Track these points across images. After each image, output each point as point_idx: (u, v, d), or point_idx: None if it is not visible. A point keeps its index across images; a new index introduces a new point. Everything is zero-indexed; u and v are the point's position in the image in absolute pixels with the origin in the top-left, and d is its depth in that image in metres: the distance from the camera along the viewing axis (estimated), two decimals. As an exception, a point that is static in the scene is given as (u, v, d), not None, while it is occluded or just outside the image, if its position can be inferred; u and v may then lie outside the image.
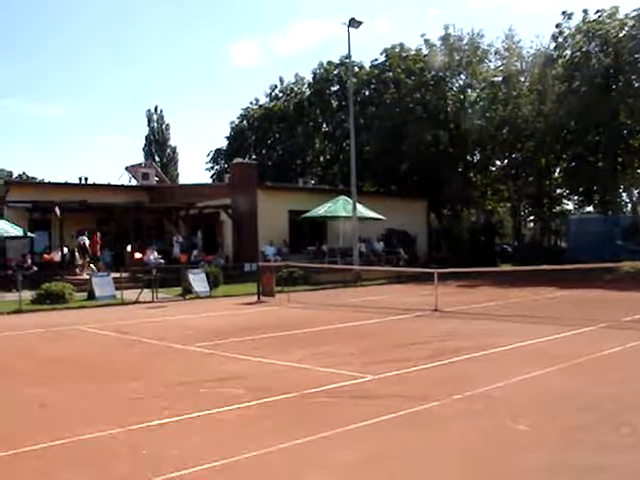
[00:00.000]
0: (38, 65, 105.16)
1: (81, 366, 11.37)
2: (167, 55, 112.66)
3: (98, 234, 31.49)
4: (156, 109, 77.12)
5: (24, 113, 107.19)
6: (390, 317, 17.60)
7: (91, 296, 23.60)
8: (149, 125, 76.98)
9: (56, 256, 29.84)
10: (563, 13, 42.42)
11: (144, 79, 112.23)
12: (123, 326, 16.53)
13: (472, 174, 48.47)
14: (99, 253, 31.11)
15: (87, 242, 30.34)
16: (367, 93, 51.04)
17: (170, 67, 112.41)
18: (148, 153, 74.22)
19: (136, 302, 22.89)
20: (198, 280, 25.46)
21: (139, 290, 23.83)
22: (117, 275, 25.18)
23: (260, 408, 7.92)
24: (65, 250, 29.40)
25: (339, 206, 33.99)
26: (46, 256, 30.56)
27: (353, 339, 13.67)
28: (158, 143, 76.54)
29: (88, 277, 25.50)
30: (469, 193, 46.36)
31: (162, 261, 30.08)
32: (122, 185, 42.66)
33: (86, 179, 40.09)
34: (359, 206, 33.26)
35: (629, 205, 45.63)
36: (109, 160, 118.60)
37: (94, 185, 38.75)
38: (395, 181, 48.41)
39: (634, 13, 39.37)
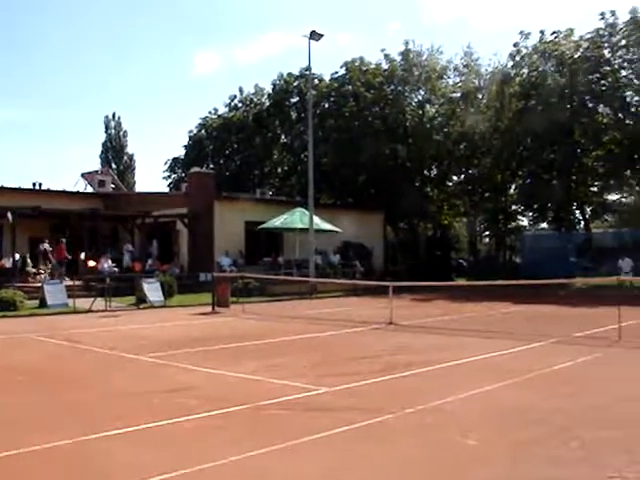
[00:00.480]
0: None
1: (30, 375, 11.16)
2: (126, 62, 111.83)
3: (64, 240, 30.96)
4: (114, 116, 76.64)
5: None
6: (345, 330, 17.62)
7: (43, 304, 23.24)
8: (106, 132, 76.37)
9: (7, 262, 29.32)
10: (521, 32, 43.27)
11: (102, 85, 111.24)
12: (75, 335, 16.29)
13: (429, 188, 48.90)
14: (67, 258, 30.36)
15: (48, 248, 29.95)
16: (326, 106, 51.13)
17: (129, 74, 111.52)
18: (105, 160, 73.48)
19: (89, 311, 22.60)
20: (152, 289, 25.22)
21: (92, 299, 23.53)
22: (70, 283, 24.84)
23: (214, 419, 7.85)
24: (17, 256, 28.88)
25: (296, 218, 33.98)
26: (-4, 262, 30.05)
27: (308, 351, 13.66)
28: (115, 150, 75.88)
29: (40, 284, 25.11)
30: (426, 207, 46.67)
31: (116, 269, 29.77)
32: (77, 192, 42.17)
33: (40, 185, 39.59)
34: (316, 218, 33.28)
35: (582, 222, 46.33)
36: (65, 166, 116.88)
37: (48, 191, 38.23)
38: (352, 194, 48.59)
39: (588, 35, 40.33)
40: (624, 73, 39.94)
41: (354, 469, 6.09)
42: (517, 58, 43.60)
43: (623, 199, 44.18)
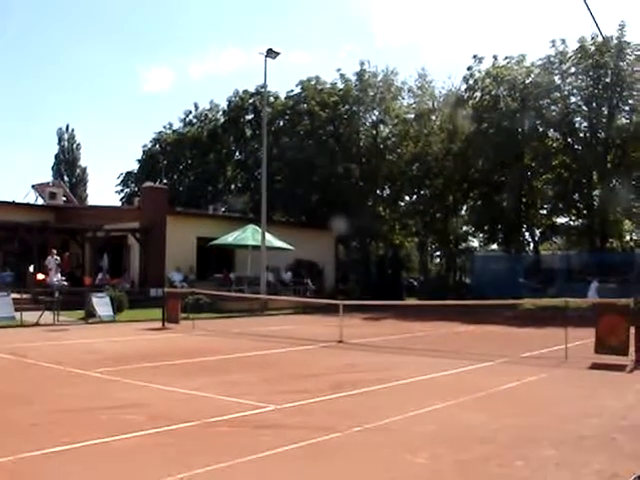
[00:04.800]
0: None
1: (-28, 389, 10.94)
2: (81, 75, 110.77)
3: (67, 254, 30.62)
4: (67, 128, 75.91)
5: None
6: (295, 347, 17.61)
7: (-13, 317, 22.74)
8: (59, 144, 75.61)
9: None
10: (474, 57, 43.97)
11: (55, 96, 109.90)
12: (20, 349, 15.99)
13: (381, 208, 49.14)
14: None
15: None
16: (281, 123, 51.40)
17: (85, 87, 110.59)
18: (57, 172, 72.68)
19: (36, 324, 22.21)
20: (102, 304, 24.86)
21: (40, 312, 23.12)
22: (17, 296, 24.41)
23: (160, 436, 7.75)
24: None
25: (248, 234, 33.97)
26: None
27: (257, 368, 13.60)
28: (68, 162, 75.08)
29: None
30: (378, 227, 46.91)
31: (65, 283, 29.33)
32: (27, 203, 41.59)
33: (-11, 196, 38.94)
34: (268, 235, 33.29)
35: (531, 244, 47.04)
36: (15, 178, 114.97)
37: (-4, 202, 37.62)
38: (305, 212, 48.68)
39: (540, 62, 41.12)
40: (573, 99, 40.86)
41: (301, 487, 6.08)
42: (470, 81, 44.29)
43: (571, 222, 44.95)
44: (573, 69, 39.94)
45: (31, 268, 29.99)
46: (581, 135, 40.98)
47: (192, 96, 72.10)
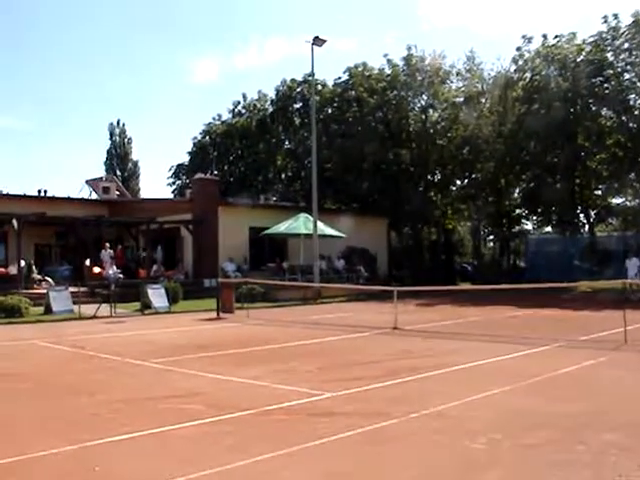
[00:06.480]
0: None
1: (34, 381, 11.15)
2: (129, 70, 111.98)
3: (119, 247, 31.34)
4: (118, 123, 76.66)
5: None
6: (349, 335, 17.62)
7: (48, 310, 23.22)
8: (111, 139, 76.40)
9: (12, 269, 29.33)
10: (523, 37, 43.39)
11: (106, 93, 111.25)
12: (80, 341, 16.31)
13: (433, 193, 48.80)
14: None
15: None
16: (330, 111, 51.24)
17: (133, 81, 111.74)
18: (109, 167, 73.57)
19: (94, 317, 22.58)
20: (157, 295, 25.18)
21: (97, 305, 23.50)
22: (75, 289, 24.85)
23: (219, 425, 7.84)
24: (22, 263, 28.87)
25: (300, 223, 33.98)
26: (2, 269, 30.04)
27: (312, 356, 13.64)
28: (120, 157, 75.89)
29: (45, 291, 25.08)
30: (430, 212, 46.65)
31: (121, 276, 29.73)
32: (82, 198, 42.28)
33: (45, 192, 39.66)
34: (320, 223, 33.28)
35: (586, 226, 46.26)
36: (70, 173, 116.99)
37: (53, 198, 38.27)
38: (356, 199, 48.58)
39: (591, 39, 40.29)
40: (627, 76, 39.94)
41: (359, 474, 6.10)
42: (520, 62, 43.66)
43: (627, 202, 44.07)
44: (627, 45, 39.04)
45: (87, 262, 30.46)
46: (636, 113, 40.10)
47: (240, 87, 72.75)
